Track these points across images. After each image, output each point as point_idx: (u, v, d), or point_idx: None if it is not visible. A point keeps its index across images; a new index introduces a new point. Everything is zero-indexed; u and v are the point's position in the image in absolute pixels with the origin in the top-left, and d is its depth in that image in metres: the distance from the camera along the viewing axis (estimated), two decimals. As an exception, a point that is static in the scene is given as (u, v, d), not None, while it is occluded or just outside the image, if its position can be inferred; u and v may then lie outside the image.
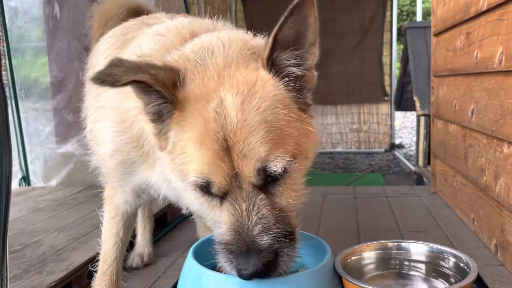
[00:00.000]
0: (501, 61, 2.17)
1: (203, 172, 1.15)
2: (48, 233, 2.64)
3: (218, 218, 1.21)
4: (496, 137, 2.27)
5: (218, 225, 1.21)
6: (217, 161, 1.13)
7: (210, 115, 1.15)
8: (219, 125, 1.13)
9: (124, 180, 1.60)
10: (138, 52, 1.43)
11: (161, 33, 1.48)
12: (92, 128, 1.67)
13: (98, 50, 1.81)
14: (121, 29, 1.75)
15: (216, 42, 1.31)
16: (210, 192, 1.18)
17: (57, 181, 4.03)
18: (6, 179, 1.48)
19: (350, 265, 1.47)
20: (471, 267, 1.32)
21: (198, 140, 1.15)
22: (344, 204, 3.44)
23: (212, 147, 1.13)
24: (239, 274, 1.15)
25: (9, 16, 3.95)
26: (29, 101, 4.06)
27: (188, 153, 1.16)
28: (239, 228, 1.14)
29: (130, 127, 1.45)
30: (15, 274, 2.04)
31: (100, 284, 1.75)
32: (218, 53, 1.27)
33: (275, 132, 1.15)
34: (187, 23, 1.50)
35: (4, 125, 1.49)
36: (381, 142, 9.38)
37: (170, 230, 2.97)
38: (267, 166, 1.14)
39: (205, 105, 1.16)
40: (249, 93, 1.17)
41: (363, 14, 9.10)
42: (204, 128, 1.14)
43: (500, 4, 2.20)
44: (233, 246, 1.15)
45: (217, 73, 1.22)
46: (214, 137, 1.13)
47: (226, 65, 1.24)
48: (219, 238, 1.19)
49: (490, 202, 2.38)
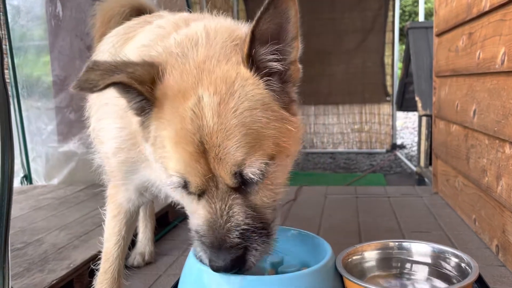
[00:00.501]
0: (503, 61, 2.17)
1: (180, 171, 1.16)
2: (49, 231, 2.65)
3: (195, 210, 1.24)
4: (498, 138, 2.27)
5: (195, 216, 1.24)
6: (193, 162, 1.14)
7: (187, 114, 1.14)
8: (196, 126, 1.13)
9: (127, 178, 1.60)
10: (137, 45, 1.44)
11: (160, 26, 1.49)
12: (95, 127, 1.68)
13: (101, 49, 1.82)
14: (124, 28, 1.76)
15: (201, 32, 1.29)
16: (187, 189, 1.20)
17: (59, 179, 4.04)
18: (8, 177, 1.48)
19: (351, 265, 1.47)
20: (473, 267, 1.32)
21: (174, 139, 1.15)
22: (345, 204, 3.44)
23: (187, 149, 1.14)
24: (210, 266, 1.22)
25: (12, 15, 3.96)
26: (31, 99, 4.07)
27: (166, 149, 1.18)
28: (212, 225, 1.19)
29: (129, 123, 1.46)
30: (16, 272, 2.04)
31: (101, 282, 1.75)
32: (201, 44, 1.25)
33: (252, 135, 1.15)
34: (185, 16, 1.51)
35: (6, 123, 1.49)
36: (383, 143, 9.38)
37: (172, 229, 2.97)
38: (243, 171, 1.14)
39: (183, 102, 1.15)
40: (228, 93, 1.15)
41: (365, 14, 9.10)
42: (181, 127, 1.14)
43: (502, 5, 2.20)
44: (207, 240, 1.20)
45: (196, 67, 1.20)
46: (190, 139, 1.13)
47: (207, 58, 1.22)
48: (195, 227, 1.24)
49: (492, 203, 2.38)
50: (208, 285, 1.30)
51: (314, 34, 8.82)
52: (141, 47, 1.43)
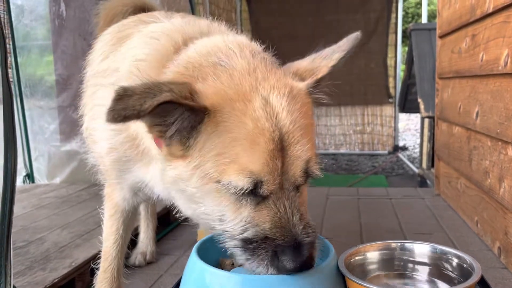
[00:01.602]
0: (506, 63, 2.17)
1: (254, 171, 1.13)
2: (51, 230, 2.65)
3: (248, 219, 1.20)
4: (501, 140, 2.26)
5: (247, 226, 1.20)
6: (272, 160, 1.13)
7: (259, 114, 1.14)
8: (273, 124, 1.14)
9: (121, 177, 1.60)
10: (132, 58, 1.42)
11: (153, 37, 1.46)
12: (88, 126, 1.67)
13: (95, 47, 1.81)
14: (118, 26, 1.75)
15: (225, 45, 1.33)
16: (251, 193, 1.16)
17: (61, 178, 4.05)
18: (11, 176, 1.48)
19: (354, 265, 1.47)
20: (475, 268, 1.32)
21: (248, 139, 1.13)
22: (347, 205, 3.44)
23: (266, 147, 1.13)
24: (285, 267, 1.17)
25: (15, 14, 3.97)
26: (34, 99, 4.08)
27: (230, 154, 1.14)
28: (285, 225, 1.17)
29: (127, 127, 1.45)
30: (18, 270, 2.05)
31: (101, 281, 1.75)
32: (234, 55, 1.28)
33: (312, 135, 1.25)
34: (179, 26, 1.49)
35: (9, 122, 1.49)
36: (385, 144, 9.37)
37: (173, 228, 2.97)
38: (309, 168, 1.19)
39: (247, 104, 1.15)
40: (291, 96, 1.20)
41: (368, 16, 9.10)
42: (255, 126, 1.14)
43: (506, 7, 2.19)
44: (282, 241, 1.16)
45: (248, 74, 1.22)
46: (269, 136, 1.13)
47: (254, 66, 1.25)
48: (251, 234, 1.19)
49: (494, 205, 2.37)
50: (209, 285, 1.30)
51: (317, 35, 8.83)
52: (139, 61, 1.41)
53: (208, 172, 1.17)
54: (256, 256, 1.19)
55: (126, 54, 1.50)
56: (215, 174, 1.16)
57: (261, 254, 1.18)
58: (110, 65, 1.54)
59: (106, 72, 1.54)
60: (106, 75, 1.53)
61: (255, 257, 1.19)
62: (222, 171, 1.15)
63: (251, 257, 1.20)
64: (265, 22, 9.17)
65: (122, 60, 1.50)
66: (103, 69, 1.57)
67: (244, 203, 1.18)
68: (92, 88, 1.64)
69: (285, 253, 1.16)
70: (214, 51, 1.30)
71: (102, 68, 1.57)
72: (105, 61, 1.58)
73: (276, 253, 1.17)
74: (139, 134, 1.43)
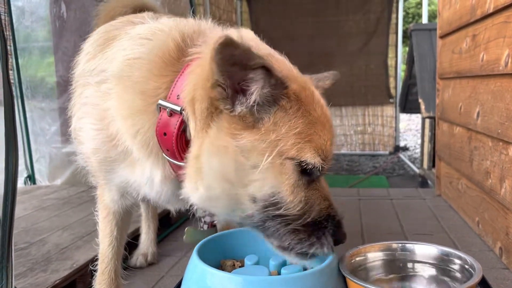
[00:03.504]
0: (507, 63, 2.17)
1: (325, 151, 1.25)
2: (52, 231, 2.66)
3: (305, 200, 1.27)
4: (502, 140, 2.26)
5: (306, 208, 1.27)
6: (333, 144, 1.30)
7: (322, 102, 1.31)
8: (328, 114, 1.31)
9: (107, 178, 1.58)
10: (124, 57, 1.41)
11: (146, 37, 1.44)
12: (75, 126, 1.63)
13: (83, 48, 1.79)
14: (106, 27, 1.71)
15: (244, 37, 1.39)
16: (311, 173, 1.26)
17: (62, 180, 4.05)
18: (12, 177, 1.48)
19: (354, 266, 1.47)
20: (476, 268, 1.32)
21: (319, 123, 1.25)
22: (348, 206, 3.44)
23: (331, 131, 1.28)
24: (338, 241, 1.31)
25: (16, 16, 3.97)
26: (35, 100, 4.08)
27: (308, 133, 1.23)
28: (332, 204, 1.33)
29: (107, 126, 1.44)
30: (20, 272, 2.05)
31: (100, 283, 1.76)
32: (260, 47, 1.35)
33: None
34: (173, 25, 1.47)
35: (11, 124, 1.50)
36: (386, 144, 9.36)
37: (174, 229, 2.97)
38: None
39: (313, 93, 1.30)
40: (316, 90, 1.37)
41: (369, 16, 9.10)
42: (322, 113, 1.27)
43: (506, 7, 2.19)
44: (338, 217, 1.31)
45: (288, 64, 1.35)
46: (331, 123, 1.30)
47: (284, 60, 1.36)
48: (321, 213, 1.29)
49: (495, 205, 2.37)
50: (210, 286, 1.30)
51: (318, 36, 8.84)
52: (133, 60, 1.40)
53: (285, 148, 1.21)
54: (321, 237, 1.27)
55: (116, 55, 1.48)
56: (293, 151, 1.21)
57: (325, 233, 1.28)
58: (97, 66, 1.51)
59: (93, 72, 1.52)
60: (93, 74, 1.51)
61: (320, 238, 1.27)
62: (300, 148, 1.21)
63: (316, 240, 1.27)
64: (265, 23, 9.16)
65: (110, 60, 1.47)
66: (90, 69, 1.54)
67: (300, 183, 1.25)
68: (80, 88, 1.61)
69: (334, 231, 1.29)
70: (254, 42, 1.36)
71: (89, 68, 1.54)
72: (92, 61, 1.55)
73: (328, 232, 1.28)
74: (118, 134, 1.42)
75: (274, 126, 1.21)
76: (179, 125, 1.31)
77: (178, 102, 1.30)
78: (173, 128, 1.32)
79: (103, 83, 1.45)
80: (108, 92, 1.42)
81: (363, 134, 9.52)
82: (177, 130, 1.31)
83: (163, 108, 1.33)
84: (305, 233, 1.26)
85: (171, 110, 1.31)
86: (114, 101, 1.40)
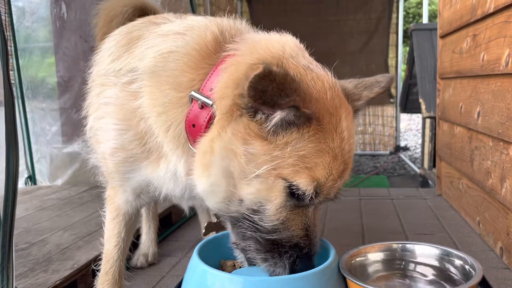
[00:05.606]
0: (507, 63, 2.17)
1: (322, 184, 1.21)
2: (53, 232, 2.66)
3: (283, 220, 1.26)
4: (502, 140, 2.26)
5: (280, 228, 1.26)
6: (337, 180, 1.24)
7: (345, 135, 1.23)
8: (347, 148, 1.24)
9: (125, 179, 1.58)
10: (156, 53, 1.41)
11: (180, 32, 1.45)
12: (93, 126, 1.63)
13: (103, 47, 1.79)
14: (127, 27, 1.73)
15: (295, 45, 1.38)
16: (300, 199, 1.22)
17: (63, 180, 4.05)
18: (13, 178, 1.49)
19: (355, 266, 1.47)
20: (476, 269, 1.32)
21: (331, 155, 1.21)
22: (348, 206, 3.43)
23: (340, 167, 1.22)
24: (294, 269, 1.27)
25: (17, 16, 3.97)
26: (36, 100, 4.08)
27: (313, 161, 1.19)
28: (310, 235, 1.29)
29: (136, 124, 1.45)
30: (20, 272, 2.05)
31: (102, 283, 1.75)
32: (315, 65, 1.33)
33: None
34: (210, 20, 1.49)
35: (11, 124, 1.50)
36: (386, 144, 9.37)
37: (175, 230, 2.97)
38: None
39: (339, 122, 1.23)
40: (351, 120, 1.29)
41: (369, 16, 9.10)
42: (339, 146, 1.22)
43: (507, 6, 2.19)
44: (307, 249, 1.28)
45: (330, 87, 1.26)
46: (343, 158, 1.23)
47: (322, 75, 1.29)
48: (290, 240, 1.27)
49: (496, 205, 2.37)
50: (211, 286, 1.30)
51: (319, 36, 8.83)
52: (168, 53, 1.41)
53: (283, 167, 1.19)
54: (276, 258, 1.26)
55: (145, 52, 1.48)
56: (287, 172, 1.19)
57: (282, 257, 1.26)
58: (123, 66, 1.51)
59: (119, 72, 1.51)
60: (120, 75, 1.51)
61: (276, 258, 1.26)
62: (295, 171, 1.19)
63: (270, 258, 1.27)
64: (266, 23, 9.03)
65: (140, 59, 1.47)
66: (115, 69, 1.53)
67: (287, 205, 1.24)
68: (99, 87, 1.61)
69: (300, 259, 1.26)
70: (295, 52, 1.33)
71: (114, 69, 1.54)
72: (117, 61, 1.55)
73: (295, 257, 1.26)
74: (149, 131, 1.43)
75: (284, 145, 1.19)
76: (208, 118, 1.32)
77: (210, 96, 1.31)
78: (202, 121, 1.33)
79: (132, 83, 1.46)
80: (138, 91, 1.42)
81: (363, 134, 9.52)
82: (206, 123, 1.32)
83: (195, 100, 1.33)
84: (264, 247, 1.27)
85: (203, 103, 1.32)
86: (145, 99, 1.40)
